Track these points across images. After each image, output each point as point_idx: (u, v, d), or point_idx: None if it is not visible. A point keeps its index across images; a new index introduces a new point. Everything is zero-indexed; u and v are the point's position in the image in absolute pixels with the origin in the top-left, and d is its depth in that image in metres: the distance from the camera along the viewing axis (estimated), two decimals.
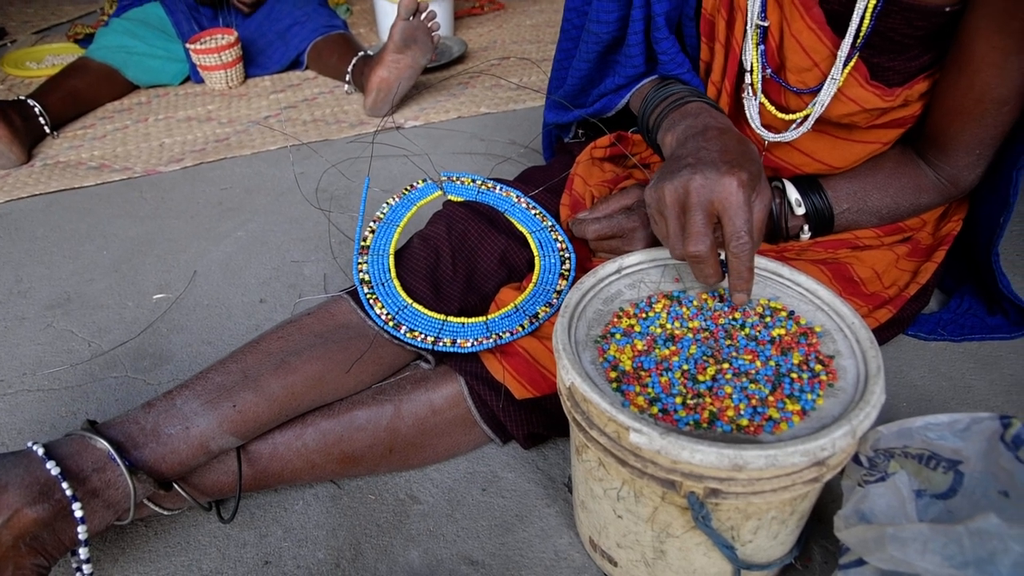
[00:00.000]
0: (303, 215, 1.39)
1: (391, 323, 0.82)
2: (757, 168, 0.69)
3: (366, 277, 0.86)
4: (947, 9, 0.77)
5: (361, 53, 1.88)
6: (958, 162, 0.89)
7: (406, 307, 0.84)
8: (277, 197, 1.46)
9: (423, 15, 1.65)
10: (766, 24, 0.83)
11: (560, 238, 0.93)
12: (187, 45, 1.95)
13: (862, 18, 0.77)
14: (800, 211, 0.92)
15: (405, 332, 0.82)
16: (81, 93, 1.90)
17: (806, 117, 0.86)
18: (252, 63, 2.08)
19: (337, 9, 2.47)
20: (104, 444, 0.69)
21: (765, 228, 0.70)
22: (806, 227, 0.93)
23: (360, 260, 0.88)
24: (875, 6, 0.76)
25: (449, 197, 0.96)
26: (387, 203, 0.95)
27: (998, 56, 0.78)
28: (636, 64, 0.92)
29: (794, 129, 0.87)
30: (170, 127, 1.81)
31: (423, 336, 0.82)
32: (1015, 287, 1.11)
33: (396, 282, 0.86)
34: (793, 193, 0.92)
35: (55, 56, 2.27)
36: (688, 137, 0.75)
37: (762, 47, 0.84)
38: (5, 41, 2.46)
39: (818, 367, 0.63)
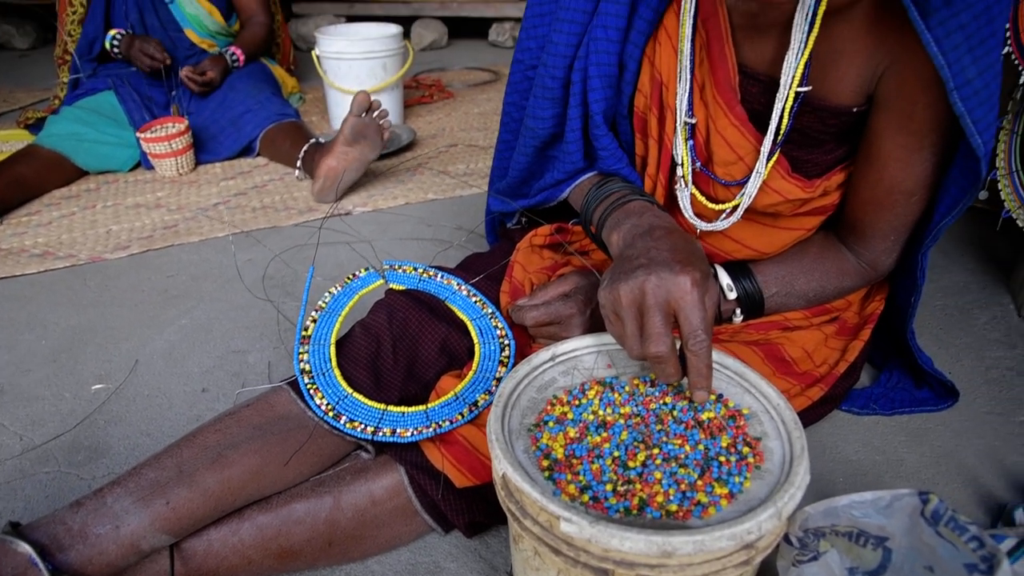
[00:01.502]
0: (249, 302, 1.39)
1: (331, 413, 0.82)
2: (706, 266, 0.71)
3: (307, 367, 0.87)
4: (855, 109, 0.84)
5: (313, 140, 1.92)
6: (876, 247, 0.94)
7: (346, 397, 0.84)
8: (224, 284, 1.46)
9: (375, 113, 1.71)
10: (693, 121, 0.88)
11: (500, 325, 0.95)
12: (137, 134, 1.97)
13: (780, 117, 0.83)
14: (732, 295, 0.95)
15: (345, 422, 0.82)
16: (28, 180, 1.89)
17: (735, 207, 0.90)
18: (203, 149, 2.10)
19: (290, 98, 2.52)
20: (26, 548, 0.67)
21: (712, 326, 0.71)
22: (738, 310, 0.97)
23: (301, 350, 0.88)
24: (791, 107, 0.82)
25: (391, 286, 0.98)
26: (329, 292, 0.96)
27: (902, 152, 0.84)
28: (575, 160, 0.97)
29: (724, 219, 0.92)
30: (118, 214, 1.81)
31: (363, 426, 0.82)
32: (939, 360, 1.17)
33: (337, 372, 0.86)
34: (725, 278, 0.96)
35: (4, 143, 2.27)
36: (635, 237, 0.78)
37: (691, 142, 0.90)
38: None
39: (746, 449, 0.64)
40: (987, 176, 1.35)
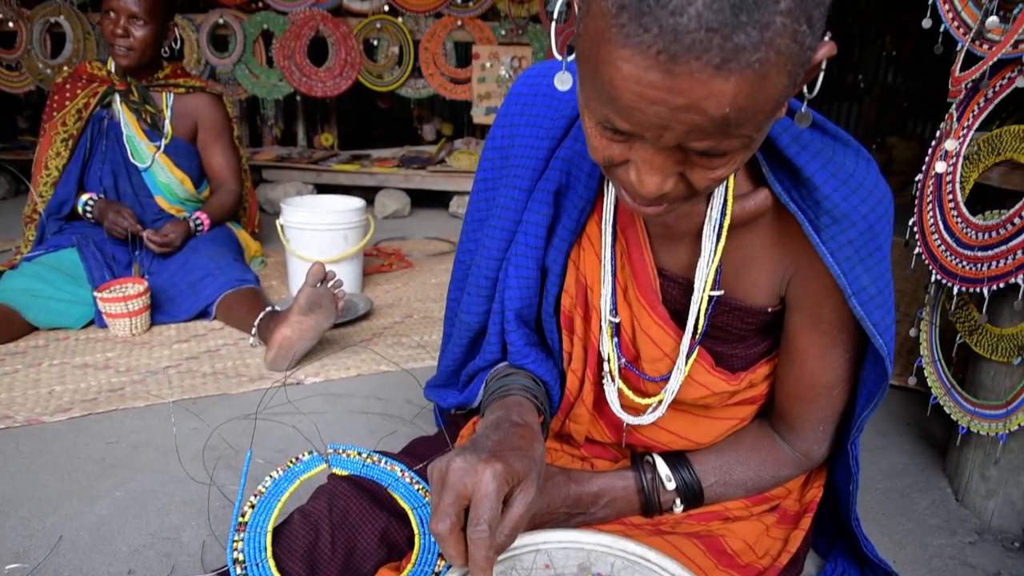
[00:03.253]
0: (190, 473, 1.36)
1: None
2: (525, 465, 0.74)
3: (240, 556, 0.85)
4: (769, 309, 0.92)
5: (269, 308, 1.96)
6: (807, 438, 1.00)
7: None
8: (165, 454, 1.44)
9: (330, 283, 1.77)
10: (617, 320, 0.95)
11: None
12: (95, 293, 1.99)
13: (697, 317, 0.90)
14: (671, 486, 0.98)
15: None
16: None
17: (660, 401, 0.96)
18: (160, 310, 2.12)
19: (252, 261, 2.59)
20: None
21: (523, 526, 0.72)
22: (678, 500, 0.99)
23: (236, 537, 0.87)
24: (707, 309, 0.90)
25: (334, 470, 0.98)
26: (270, 476, 0.96)
27: (817, 350, 0.92)
28: (494, 351, 1.03)
29: (650, 413, 0.96)
30: (64, 373, 1.79)
31: None
32: (883, 547, 1.19)
33: (271, 562, 0.85)
34: (663, 469, 0.99)
35: None
36: (486, 426, 0.82)
37: (616, 340, 0.96)
38: None
39: None
40: (914, 366, 1.45)
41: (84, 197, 2.24)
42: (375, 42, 3.89)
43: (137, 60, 2.19)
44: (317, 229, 2.25)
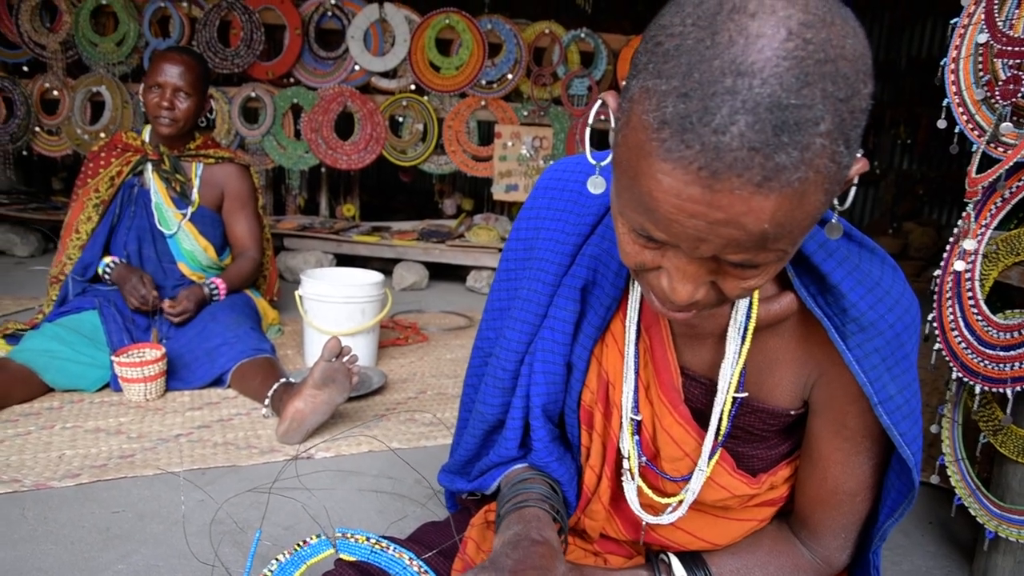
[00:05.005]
0: (195, 548, 1.34)
1: None
2: None
3: None
4: (792, 412, 0.91)
5: (283, 380, 1.96)
6: (829, 544, 0.96)
7: None
8: (171, 526, 1.42)
9: (345, 358, 1.78)
10: (639, 418, 0.94)
11: None
12: (112, 357, 2.00)
13: (720, 417, 0.89)
14: None
15: None
16: None
17: (681, 501, 0.94)
18: (175, 376, 2.13)
19: (269, 329, 2.61)
20: None
21: None
22: None
23: None
24: (730, 410, 0.88)
25: (341, 556, 0.96)
26: (276, 559, 0.94)
27: (841, 455, 0.90)
28: (509, 448, 1.01)
29: (670, 512, 0.94)
30: (75, 437, 1.79)
31: None
32: None
33: None
34: (679, 570, 0.96)
35: None
36: (505, 543, 0.82)
37: (637, 437, 0.95)
38: None
39: None
40: (936, 463, 1.42)
41: (106, 260, 2.29)
42: (400, 119, 4.02)
43: (179, 130, 2.30)
44: (335, 302, 2.28)
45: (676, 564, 0.97)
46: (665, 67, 0.56)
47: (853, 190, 0.65)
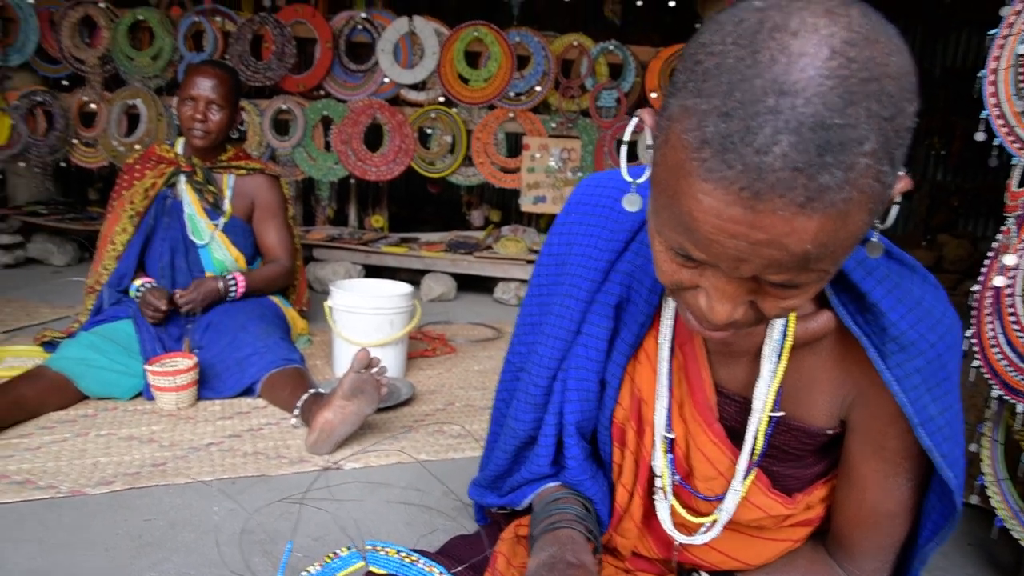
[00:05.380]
0: (226, 557, 1.35)
1: None
2: None
3: None
4: (829, 431, 0.89)
5: (313, 390, 1.98)
6: (866, 567, 0.94)
7: None
8: (202, 535, 1.43)
9: (374, 369, 1.78)
10: (672, 436, 0.93)
11: None
12: (145, 366, 2.03)
13: (755, 436, 0.88)
14: None
15: None
16: (28, 401, 1.92)
17: (715, 521, 0.92)
18: (206, 386, 2.16)
19: (298, 339, 2.63)
20: None
21: None
22: None
23: None
24: (766, 429, 0.87)
25: (371, 568, 0.96)
26: (306, 571, 0.95)
27: (879, 477, 0.88)
28: (542, 464, 1.00)
29: (703, 532, 0.93)
30: (109, 445, 1.81)
31: None
32: None
33: None
34: None
35: (15, 358, 2.33)
36: (540, 564, 0.83)
37: (670, 456, 0.94)
38: None
39: None
40: (975, 483, 1.38)
41: (137, 282, 2.31)
42: (429, 131, 4.04)
43: (211, 142, 2.34)
44: (364, 313, 2.29)
45: None
46: (705, 86, 0.56)
47: (895, 208, 0.64)
